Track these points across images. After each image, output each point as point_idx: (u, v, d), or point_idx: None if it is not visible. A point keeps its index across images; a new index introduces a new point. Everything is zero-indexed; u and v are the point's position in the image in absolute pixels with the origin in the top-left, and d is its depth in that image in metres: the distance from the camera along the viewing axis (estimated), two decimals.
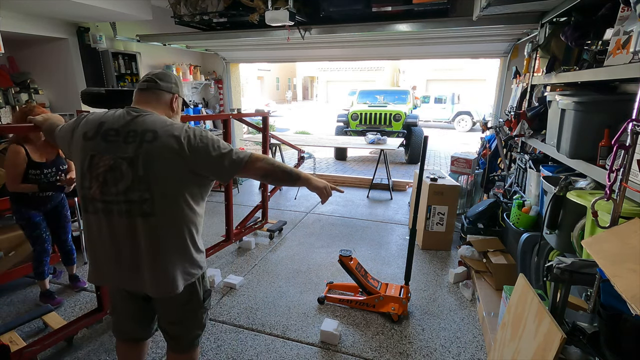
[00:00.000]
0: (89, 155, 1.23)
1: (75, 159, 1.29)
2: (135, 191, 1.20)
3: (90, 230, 1.30)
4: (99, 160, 1.22)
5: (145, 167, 1.20)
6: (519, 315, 1.60)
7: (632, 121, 1.20)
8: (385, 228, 4.06)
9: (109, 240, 1.26)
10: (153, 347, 2.17)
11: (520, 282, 1.72)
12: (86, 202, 1.26)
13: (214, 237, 3.62)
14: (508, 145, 3.52)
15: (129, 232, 1.24)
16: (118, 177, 1.20)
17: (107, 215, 1.24)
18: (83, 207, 1.29)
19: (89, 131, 1.26)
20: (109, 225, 1.25)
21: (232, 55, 6.09)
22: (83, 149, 1.25)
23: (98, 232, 1.27)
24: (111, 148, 1.22)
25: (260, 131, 3.66)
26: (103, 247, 1.28)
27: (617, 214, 1.29)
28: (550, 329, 1.29)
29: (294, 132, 10.53)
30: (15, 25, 3.46)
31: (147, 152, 1.20)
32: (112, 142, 1.22)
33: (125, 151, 1.20)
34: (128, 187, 1.20)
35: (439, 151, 9.34)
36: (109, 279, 1.35)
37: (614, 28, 1.67)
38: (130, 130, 1.23)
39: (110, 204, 1.22)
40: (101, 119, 1.28)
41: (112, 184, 1.21)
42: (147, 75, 1.39)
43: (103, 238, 1.27)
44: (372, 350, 2.16)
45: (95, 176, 1.22)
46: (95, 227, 1.28)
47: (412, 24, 3.49)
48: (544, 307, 1.41)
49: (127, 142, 1.21)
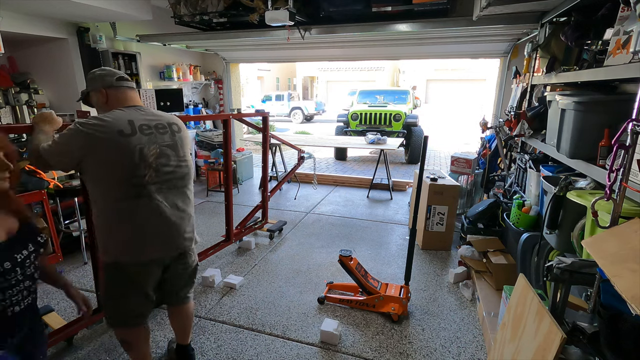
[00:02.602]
0: (138, 149, 1.43)
1: (111, 155, 1.40)
2: (180, 169, 1.58)
3: (139, 214, 1.48)
4: (148, 151, 1.46)
5: (183, 149, 1.61)
6: (519, 315, 1.60)
7: (632, 121, 1.20)
8: (385, 228, 4.06)
9: (164, 214, 1.52)
10: (153, 347, 2.17)
11: (520, 282, 1.72)
12: (139, 189, 1.45)
13: (214, 237, 3.62)
14: (508, 145, 3.52)
15: (179, 201, 1.59)
16: (166, 160, 1.52)
17: (160, 193, 1.51)
18: (133, 195, 1.45)
19: (124, 129, 1.42)
20: (163, 200, 1.52)
21: (232, 55, 6.09)
22: (127, 145, 1.41)
23: (149, 212, 1.49)
24: (152, 139, 1.49)
25: (260, 131, 3.66)
26: (155, 223, 1.51)
27: (617, 214, 1.29)
28: (551, 328, 1.29)
29: (294, 132, 10.53)
30: (15, 25, 3.46)
31: (180, 138, 1.60)
32: (150, 135, 1.49)
33: (164, 140, 1.53)
34: (175, 166, 1.56)
35: (439, 151, 9.34)
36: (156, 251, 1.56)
37: (614, 28, 1.67)
38: (157, 123, 1.54)
39: (162, 183, 1.51)
40: (127, 117, 1.46)
41: (163, 167, 1.51)
42: (119, 73, 1.57)
43: (155, 215, 1.51)
44: (372, 350, 2.15)
45: (149, 164, 1.46)
46: (146, 208, 1.48)
47: (412, 24, 3.49)
48: (544, 307, 1.41)
49: (161, 133, 1.53)
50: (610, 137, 1.45)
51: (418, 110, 9.38)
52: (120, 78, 1.56)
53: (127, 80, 1.59)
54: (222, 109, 6.44)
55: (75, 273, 2.95)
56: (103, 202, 1.47)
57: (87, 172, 1.44)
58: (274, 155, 5.57)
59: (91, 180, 1.47)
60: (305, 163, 4.57)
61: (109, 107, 1.52)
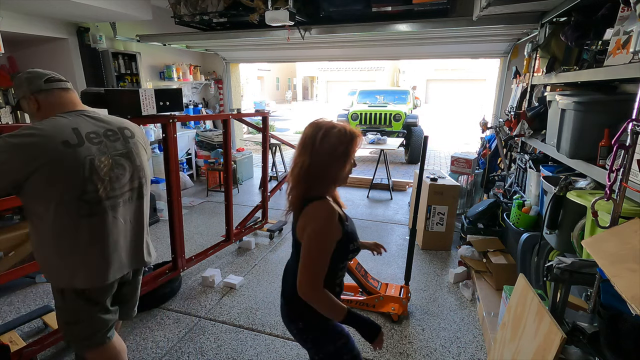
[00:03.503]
0: (88, 160, 1.25)
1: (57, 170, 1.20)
2: (135, 179, 1.43)
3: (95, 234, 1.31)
4: (99, 163, 1.28)
5: (139, 157, 1.44)
6: (519, 315, 1.60)
7: (632, 121, 1.20)
8: (385, 228, 4.05)
9: (118, 231, 1.38)
10: (153, 347, 2.17)
11: (520, 282, 1.72)
12: (91, 206, 1.28)
13: (214, 237, 3.62)
14: (508, 145, 3.52)
15: (134, 215, 1.45)
16: (121, 171, 1.36)
17: (114, 209, 1.35)
18: (86, 213, 1.27)
19: (69, 139, 1.22)
20: (118, 217, 1.37)
21: (232, 55, 6.09)
22: (75, 157, 1.22)
23: (105, 231, 1.33)
24: (103, 149, 1.31)
25: (260, 131, 3.66)
26: (113, 243, 1.36)
27: (617, 214, 1.29)
28: (551, 328, 1.29)
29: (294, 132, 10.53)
30: (15, 25, 3.46)
31: (134, 144, 1.43)
32: (100, 144, 1.31)
33: (116, 148, 1.36)
34: (131, 177, 1.41)
35: (439, 151, 9.34)
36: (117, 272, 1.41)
37: (614, 28, 1.67)
38: (107, 130, 1.36)
39: (116, 197, 1.35)
40: (71, 124, 1.27)
41: (117, 180, 1.35)
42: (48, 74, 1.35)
43: (112, 234, 1.36)
44: (372, 350, 2.15)
45: (101, 178, 1.29)
46: (101, 227, 1.32)
47: (412, 24, 3.49)
48: (544, 307, 1.42)
49: (112, 141, 1.36)
50: (610, 137, 1.45)
51: (418, 110, 9.37)
52: (50, 79, 1.33)
53: (59, 80, 1.35)
54: (222, 109, 6.44)
55: None
56: (49, 223, 1.25)
57: (27, 192, 1.21)
58: (274, 155, 5.57)
59: (33, 200, 1.24)
60: None
61: (43, 114, 1.30)
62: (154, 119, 2.34)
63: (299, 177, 1.17)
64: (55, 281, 1.35)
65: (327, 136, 1.14)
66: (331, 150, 1.14)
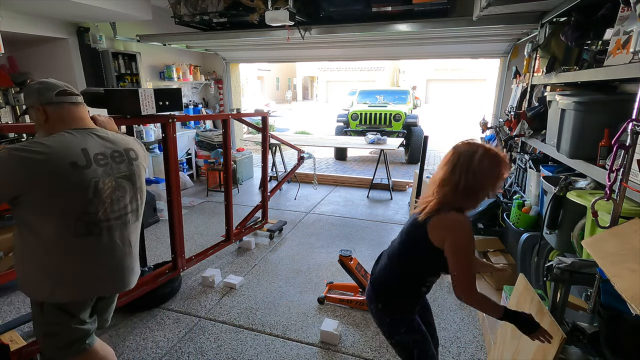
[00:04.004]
0: (93, 183, 1.27)
1: (61, 190, 1.21)
2: (134, 201, 1.44)
3: (88, 252, 1.32)
4: (103, 185, 1.30)
5: (139, 179, 1.46)
6: None
7: (632, 121, 1.20)
8: (385, 228, 4.05)
9: (112, 253, 1.37)
10: (153, 347, 2.17)
11: (520, 282, 1.72)
12: (90, 226, 1.29)
13: (214, 237, 3.62)
14: (508, 145, 3.52)
15: (128, 238, 1.43)
16: (122, 194, 1.38)
17: (110, 231, 1.35)
18: (83, 232, 1.28)
19: (77, 160, 1.23)
20: (112, 238, 1.36)
21: (232, 55, 6.09)
22: (81, 179, 1.24)
23: (99, 251, 1.34)
24: (108, 171, 1.33)
25: (260, 131, 3.66)
26: (106, 262, 1.37)
27: (617, 214, 1.29)
28: (551, 328, 1.29)
29: (294, 132, 10.53)
30: (15, 25, 3.46)
31: (137, 166, 1.45)
32: (106, 165, 1.33)
33: (120, 170, 1.37)
34: (130, 199, 1.42)
35: (439, 151, 9.34)
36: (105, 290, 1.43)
37: (614, 28, 1.67)
38: (114, 151, 1.37)
39: (115, 219, 1.36)
40: (81, 144, 1.27)
41: (117, 202, 1.36)
42: (61, 86, 1.32)
43: (106, 254, 1.36)
44: (372, 350, 2.15)
45: (102, 200, 1.31)
46: (96, 247, 1.33)
47: (412, 24, 3.48)
48: (544, 307, 1.42)
49: (117, 162, 1.37)
50: (610, 137, 1.45)
51: (418, 110, 9.36)
52: (61, 92, 1.31)
53: (71, 94, 1.34)
54: (222, 109, 6.44)
55: None
56: (41, 238, 1.25)
57: (26, 206, 1.21)
58: (274, 155, 5.57)
59: (30, 213, 1.24)
60: (305, 163, 4.58)
61: (51, 127, 1.29)
62: (154, 119, 2.34)
63: (449, 195, 1.25)
64: (34, 294, 1.33)
65: (485, 158, 1.21)
66: (488, 173, 1.23)
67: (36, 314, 1.37)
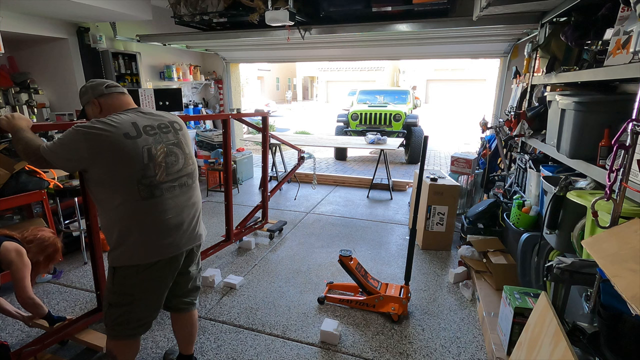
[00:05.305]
0: (145, 149, 1.44)
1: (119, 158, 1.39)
2: (188, 165, 1.61)
3: (153, 214, 1.48)
4: (156, 151, 1.47)
5: (188, 147, 1.64)
6: (536, 335, 1.54)
7: (632, 121, 1.20)
8: (385, 228, 4.06)
9: (176, 211, 1.54)
10: (153, 347, 2.17)
11: (541, 301, 1.62)
12: (151, 189, 1.46)
13: (214, 237, 3.62)
14: (508, 145, 3.52)
15: (189, 198, 1.62)
16: (175, 159, 1.55)
17: (171, 191, 1.52)
18: (146, 195, 1.44)
19: (129, 132, 1.42)
20: (174, 198, 1.53)
21: (232, 55, 6.10)
22: (135, 147, 1.41)
23: (163, 211, 1.50)
24: (158, 139, 1.50)
25: (260, 131, 3.66)
26: (169, 221, 1.52)
27: (617, 214, 1.29)
28: (565, 355, 1.24)
29: (294, 132, 10.53)
30: (15, 25, 3.46)
31: (183, 136, 1.63)
32: (155, 135, 1.50)
33: (169, 139, 1.54)
34: (184, 164, 1.59)
35: (439, 151, 9.34)
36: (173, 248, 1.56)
37: (614, 28, 1.67)
38: (160, 123, 1.55)
39: (172, 181, 1.53)
40: (130, 119, 1.46)
41: (172, 165, 1.53)
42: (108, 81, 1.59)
43: (169, 212, 1.52)
44: (372, 350, 2.16)
45: (158, 163, 1.47)
46: (160, 208, 1.49)
47: (412, 24, 3.49)
48: (561, 330, 1.38)
49: (165, 132, 1.54)
50: (610, 137, 1.45)
51: (418, 110, 9.37)
52: (109, 86, 1.56)
53: (117, 86, 1.59)
54: (222, 109, 6.44)
55: (75, 273, 2.95)
56: (112, 204, 1.44)
57: (94, 175, 1.42)
58: (274, 155, 5.57)
59: (98, 183, 1.43)
60: (305, 163, 4.57)
61: (105, 115, 1.49)
62: None
63: None
64: (113, 259, 1.50)
65: None
66: None
67: (108, 282, 1.55)
